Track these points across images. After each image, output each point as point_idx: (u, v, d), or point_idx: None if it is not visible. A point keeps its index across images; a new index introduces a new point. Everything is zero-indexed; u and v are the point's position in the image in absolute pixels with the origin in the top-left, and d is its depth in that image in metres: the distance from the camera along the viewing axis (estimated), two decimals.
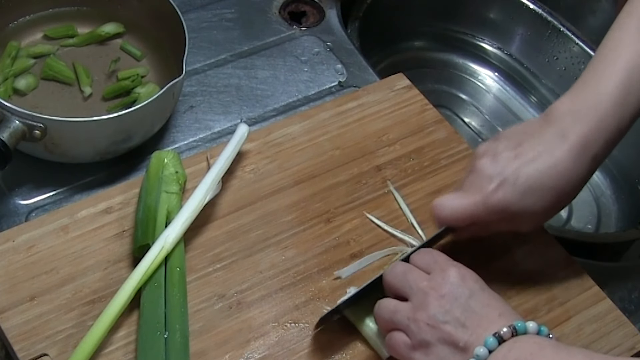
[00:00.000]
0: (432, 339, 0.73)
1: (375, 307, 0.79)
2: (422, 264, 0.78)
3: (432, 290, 0.75)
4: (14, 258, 0.84)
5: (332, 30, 1.17)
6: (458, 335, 0.72)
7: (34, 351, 0.78)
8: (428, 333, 0.73)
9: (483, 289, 0.76)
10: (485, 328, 0.72)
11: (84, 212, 0.88)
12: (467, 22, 1.36)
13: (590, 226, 1.21)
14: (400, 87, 1.05)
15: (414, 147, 0.99)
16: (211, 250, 0.87)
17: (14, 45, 1.02)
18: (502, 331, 0.71)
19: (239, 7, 1.17)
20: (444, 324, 0.73)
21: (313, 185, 0.94)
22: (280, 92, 1.08)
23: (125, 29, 1.07)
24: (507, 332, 0.71)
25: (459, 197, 0.82)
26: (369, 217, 0.92)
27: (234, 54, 1.12)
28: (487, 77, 1.36)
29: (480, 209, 0.80)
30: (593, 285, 0.90)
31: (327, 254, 0.89)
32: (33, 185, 0.95)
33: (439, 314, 0.73)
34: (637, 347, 0.87)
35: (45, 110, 0.93)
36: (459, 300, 0.74)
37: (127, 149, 0.96)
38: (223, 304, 0.84)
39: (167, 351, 0.78)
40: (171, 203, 0.87)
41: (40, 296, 0.82)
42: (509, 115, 1.32)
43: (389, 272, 0.79)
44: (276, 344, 0.82)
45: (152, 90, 1.00)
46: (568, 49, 1.29)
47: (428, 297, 0.74)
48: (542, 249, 0.92)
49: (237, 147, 0.92)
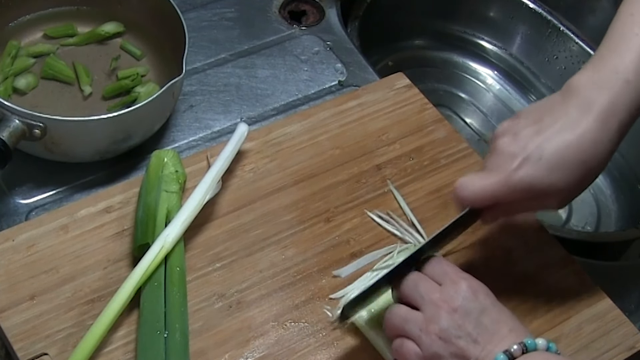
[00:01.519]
0: (444, 353, 0.73)
1: (387, 312, 0.78)
2: (432, 273, 0.77)
3: (444, 303, 0.74)
4: (14, 257, 0.84)
5: (332, 30, 1.17)
6: (470, 351, 0.72)
7: (33, 350, 0.78)
8: (440, 346, 0.73)
9: (494, 304, 0.75)
10: (496, 344, 0.72)
11: (84, 212, 0.88)
12: (467, 21, 1.36)
13: (589, 226, 1.21)
14: (400, 87, 1.05)
15: (414, 147, 0.99)
16: (211, 250, 0.87)
17: (14, 44, 1.02)
18: (513, 348, 0.71)
19: (239, 6, 1.17)
20: (456, 339, 0.73)
21: (313, 184, 0.94)
22: (280, 91, 1.08)
23: (125, 28, 1.07)
24: (517, 350, 0.71)
25: (481, 176, 0.79)
26: (369, 216, 0.92)
27: (234, 53, 1.12)
28: (487, 76, 1.36)
29: (503, 187, 0.77)
30: (593, 284, 0.90)
31: (326, 253, 0.89)
32: (33, 184, 0.95)
33: (451, 328, 0.73)
34: (637, 346, 0.87)
35: (45, 110, 0.93)
36: (471, 315, 0.74)
37: (127, 148, 0.96)
38: (223, 303, 0.84)
39: (167, 350, 0.78)
40: (171, 202, 0.87)
41: (40, 295, 0.82)
42: (509, 114, 1.32)
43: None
44: (276, 343, 0.82)
45: (152, 89, 1.00)
46: (568, 48, 1.29)
47: (440, 310, 0.74)
48: (542, 248, 0.92)
49: (237, 146, 0.92)
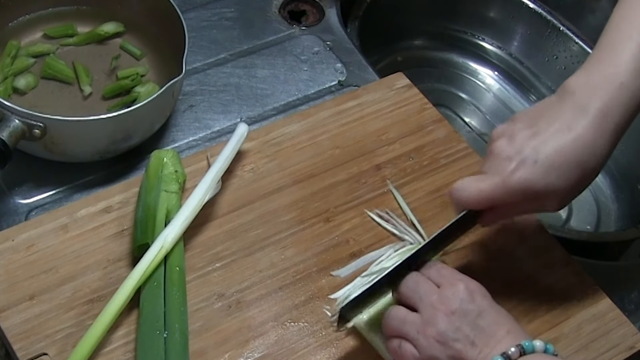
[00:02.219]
0: (442, 356, 0.73)
1: (385, 313, 0.78)
2: (431, 275, 0.78)
3: (441, 306, 0.74)
4: (14, 257, 0.84)
5: (332, 30, 1.17)
6: (467, 353, 0.73)
7: (33, 350, 0.78)
8: (437, 349, 0.74)
9: (492, 306, 0.76)
10: (493, 346, 0.72)
11: (84, 211, 0.88)
12: (467, 21, 1.36)
13: (589, 226, 1.21)
14: (400, 86, 1.05)
15: (414, 146, 0.99)
16: (210, 250, 0.87)
17: (13, 44, 1.02)
18: (510, 351, 0.71)
19: (238, 6, 1.17)
20: (454, 342, 0.73)
21: (312, 184, 0.94)
22: (279, 91, 1.08)
23: (125, 28, 1.07)
24: (515, 352, 0.71)
25: (478, 179, 0.79)
26: (369, 215, 0.92)
27: (234, 53, 1.12)
28: (487, 76, 1.36)
29: (500, 190, 0.78)
30: (592, 284, 0.90)
31: (326, 253, 0.89)
32: (33, 184, 0.95)
33: (449, 331, 0.73)
34: (637, 346, 0.87)
35: (45, 110, 0.93)
36: (469, 317, 0.74)
37: (126, 148, 0.96)
38: (222, 303, 0.84)
39: (167, 350, 0.78)
40: (170, 202, 0.87)
41: (40, 295, 0.82)
42: (508, 114, 1.32)
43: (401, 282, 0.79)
44: (275, 343, 0.82)
45: (152, 89, 1.00)
46: (568, 48, 1.29)
47: (438, 313, 0.74)
48: (542, 248, 0.92)
49: (236, 146, 0.92)
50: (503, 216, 0.83)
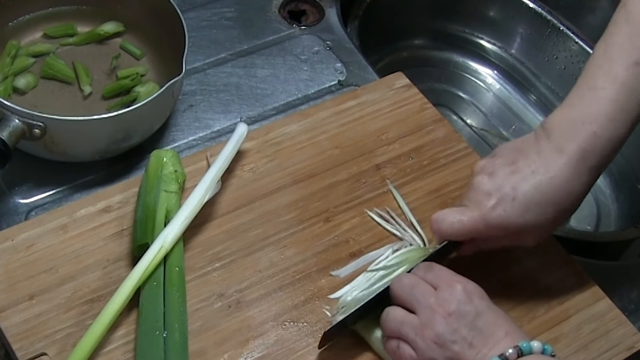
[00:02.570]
0: (440, 357, 0.74)
1: (383, 314, 0.79)
2: (427, 277, 0.78)
3: (439, 308, 0.75)
4: (13, 257, 0.84)
5: (332, 29, 1.17)
6: (465, 355, 0.73)
7: (33, 350, 0.78)
8: (435, 351, 0.74)
9: (489, 307, 0.76)
10: (491, 348, 0.73)
11: (83, 211, 0.88)
12: (467, 20, 1.36)
13: (589, 226, 1.21)
14: (400, 86, 1.05)
15: (414, 146, 0.99)
16: (210, 250, 0.87)
17: (13, 44, 1.02)
18: (508, 352, 0.72)
19: (238, 6, 1.17)
20: (451, 344, 0.74)
21: (312, 184, 0.94)
22: (279, 91, 1.08)
23: (125, 28, 1.07)
24: (512, 353, 0.72)
25: (458, 211, 0.82)
26: (369, 215, 0.92)
27: (234, 53, 1.12)
28: (487, 75, 1.36)
29: (479, 224, 0.80)
30: (592, 284, 0.90)
31: (326, 253, 0.89)
32: (33, 184, 0.95)
33: (447, 333, 0.74)
34: (636, 346, 0.87)
35: (45, 109, 0.93)
36: (466, 319, 0.74)
37: (126, 148, 0.96)
38: (222, 303, 0.84)
39: (166, 350, 0.78)
40: (170, 202, 0.87)
41: (40, 295, 0.82)
42: (508, 114, 1.32)
43: (396, 283, 0.79)
44: (275, 343, 0.82)
45: (152, 89, 1.00)
46: (568, 47, 1.29)
47: (435, 315, 0.75)
48: (542, 248, 0.92)
49: (236, 146, 0.92)
50: (483, 247, 0.85)
